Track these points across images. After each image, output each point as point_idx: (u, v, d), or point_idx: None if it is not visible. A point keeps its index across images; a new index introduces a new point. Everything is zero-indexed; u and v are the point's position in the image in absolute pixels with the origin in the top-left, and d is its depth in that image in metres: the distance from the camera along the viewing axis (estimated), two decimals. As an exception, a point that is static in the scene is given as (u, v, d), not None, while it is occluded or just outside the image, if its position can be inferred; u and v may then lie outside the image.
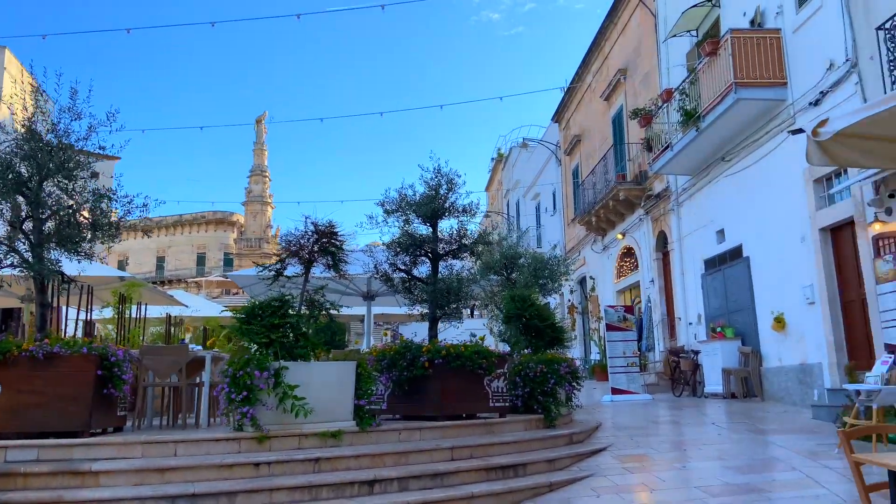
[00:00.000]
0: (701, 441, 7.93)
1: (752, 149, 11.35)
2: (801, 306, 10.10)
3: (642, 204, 16.34)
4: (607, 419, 9.96)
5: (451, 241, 7.61)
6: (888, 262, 8.18)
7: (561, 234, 24.78)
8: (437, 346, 6.80)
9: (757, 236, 11.38)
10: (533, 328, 8.71)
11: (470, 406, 7.14)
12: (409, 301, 7.68)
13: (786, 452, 7.02)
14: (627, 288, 18.45)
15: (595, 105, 20.42)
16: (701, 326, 13.39)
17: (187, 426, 7.09)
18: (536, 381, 8.10)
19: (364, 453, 5.83)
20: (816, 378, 9.75)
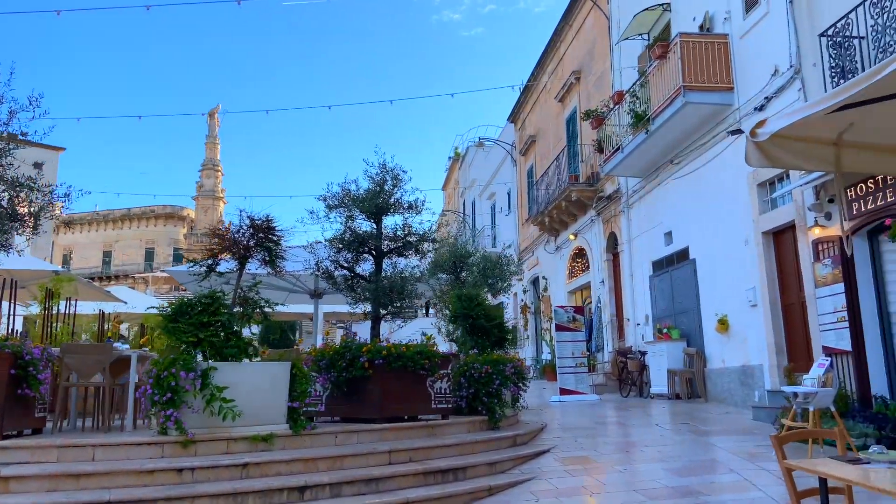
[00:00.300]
0: (644, 442, 7.92)
1: (700, 152, 11.46)
2: (744, 309, 10.23)
3: (594, 205, 16.42)
4: (553, 420, 9.91)
5: (396, 238, 7.41)
6: (827, 266, 8.32)
7: (515, 234, 24.81)
8: (378, 345, 6.59)
9: (703, 239, 11.50)
10: (479, 328, 8.59)
11: (412, 408, 6.96)
12: (352, 299, 7.45)
13: (725, 454, 7.04)
14: (579, 288, 18.53)
15: (550, 106, 20.48)
16: (648, 327, 13.50)
17: (112, 429, 6.73)
18: (481, 382, 7.97)
19: (296, 458, 5.59)
20: (758, 379, 9.88)
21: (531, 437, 8.18)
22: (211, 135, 62.04)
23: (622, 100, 12.77)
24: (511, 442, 7.58)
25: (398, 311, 7.51)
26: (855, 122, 3.96)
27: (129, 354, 6.65)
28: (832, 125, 3.98)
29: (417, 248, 7.52)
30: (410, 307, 7.50)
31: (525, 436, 7.98)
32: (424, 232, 7.46)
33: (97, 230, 67.86)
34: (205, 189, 61.99)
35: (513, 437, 7.67)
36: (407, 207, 7.38)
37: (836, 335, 8.13)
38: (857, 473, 3.03)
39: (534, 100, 22.52)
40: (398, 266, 7.67)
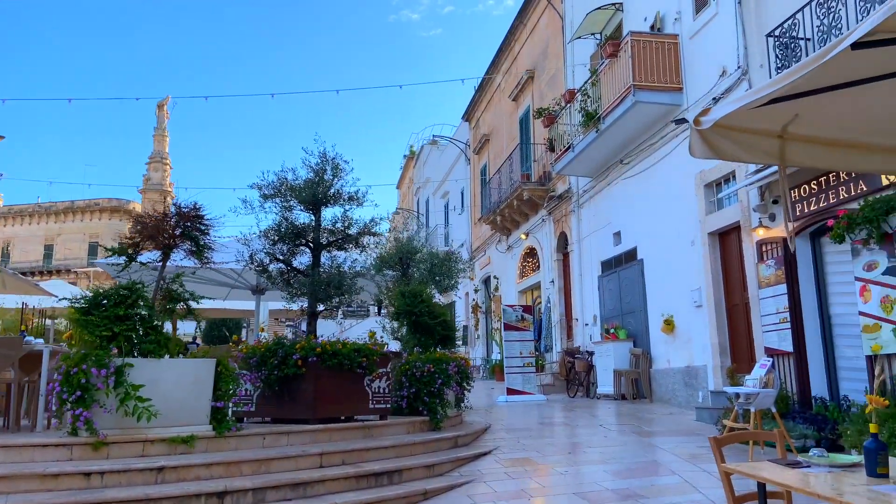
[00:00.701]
0: (587, 444, 7.78)
1: (649, 153, 11.45)
2: (690, 309, 10.23)
3: (545, 205, 16.35)
4: (498, 421, 9.72)
5: (335, 230, 7.08)
6: (770, 267, 8.33)
7: (468, 232, 24.66)
8: (312, 342, 6.26)
9: (651, 239, 11.49)
10: (423, 326, 8.33)
11: (348, 408, 6.65)
12: (288, 295, 7.10)
13: (668, 455, 6.95)
14: (529, 288, 18.46)
15: (504, 105, 20.37)
16: (596, 327, 13.46)
17: (22, 429, 6.24)
18: (423, 382, 7.72)
19: (218, 461, 5.23)
20: (701, 380, 9.88)
21: (473, 438, 7.97)
22: (159, 127, 60.24)
23: (574, 98, 12.69)
24: (452, 443, 7.34)
25: (336, 306, 7.19)
26: (800, 114, 3.84)
27: (41, 349, 6.16)
28: (777, 116, 3.85)
29: (357, 241, 7.20)
30: (349, 303, 7.16)
31: (467, 437, 7.76)
32: (365, 224, 7.17)
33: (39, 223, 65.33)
34: (152, 182, 60.17)
35: (454, 438, 7.44)
36: (348, 199, 7.06)
37: (779, 336, 8.15)
38: (797, 478, 2.88)
39: (488, 98, 22.40)
40: (338, 260, 7.33)
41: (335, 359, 6.34)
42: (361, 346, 6.69)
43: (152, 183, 60.06)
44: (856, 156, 4.13)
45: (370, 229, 7.16)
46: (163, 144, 61.29)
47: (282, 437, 5.96)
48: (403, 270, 10.52)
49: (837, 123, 3.97)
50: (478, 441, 7.94)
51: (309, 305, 6.99)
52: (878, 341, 6.67)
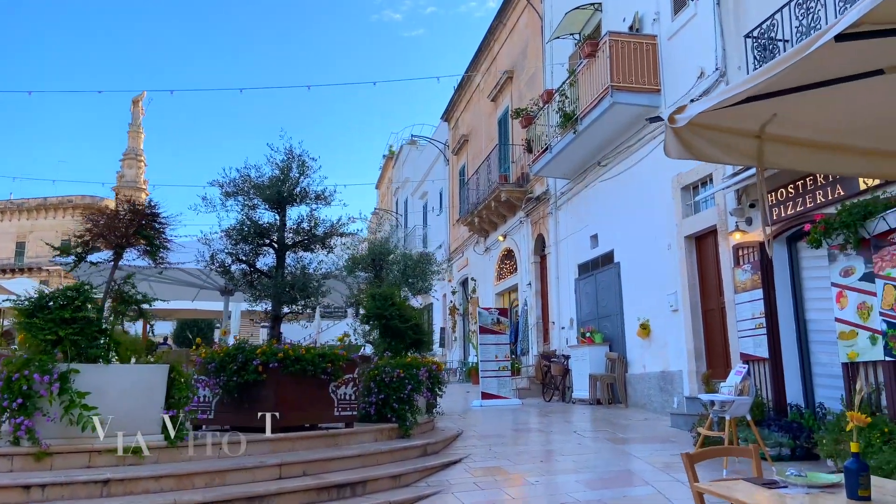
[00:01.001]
0: (560, 451, 7.60)
1: (626, 155, 11.32)
2: (666, 313, 10.10)
3: (523, 206, 16.19)
4: (471, 427, 9.51)
5: (300, 230, 6.81)
6: (746, 272, 8.22)
7: (446, 234, 24.44)
8: (274, 347, 6.00)
9: (628, 242, 11.36)
10: (393, 329, 8.09)
11: (312, 415, 6.39)
12: (252, 297, 6.81)
13: (641, 464, 6.78)
14: (507, 290, 18.29)
15: (483, 105, 20.19)
16: (573, 331, 13.31)
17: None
18: (392, 387, 7.48)
19: (168, 473, 4.95)
20: (677, 385, 9.76)
21: (444, 445, 7.75)
22: (134, 123, 59.28)
23: (552, 98, 12.53)
24: (421, 451, 7.11)
25: (301, 309, 6.92)
26: (778, 114, 3.67)
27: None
28: (755, 116, 3.68)
29: (324, 242, 6.93)
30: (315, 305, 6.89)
31: (437, 444, 7.53)
32: (332, 225, 6.90)
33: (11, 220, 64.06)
34: (126, 179, 59.17)
35: (423, 445, 7.21)
36: (314, 198, 6.79)
37: (754, 342, 8.03)
38: (773, 500, 2.69)
39: (467, 98, 22.21)
40: (304, 261, 7.06)
41: (298, 364, 6.08)
42: (326, 351, 6.44)
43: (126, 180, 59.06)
44: (836, 158, 3.97)
45: (337, 230, 6.90)
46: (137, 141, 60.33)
47: (239, 446, 5.68)
48: (376, 272, 10.27)
49: (817, 124, 3.81)
50: (448, 449, 7.72)
51: (272, 308, 6.72)
52: (854, 348, 6.56)
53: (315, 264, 7.01)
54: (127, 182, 59.39)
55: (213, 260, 6.61)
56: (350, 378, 6.77)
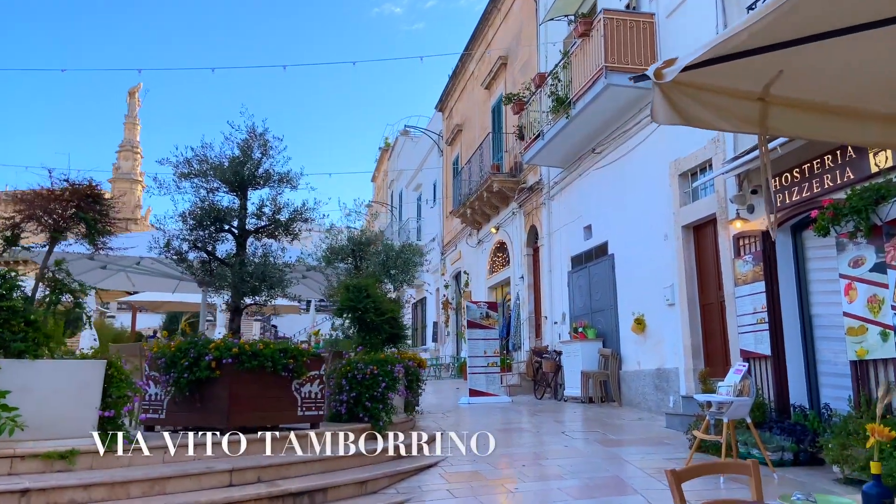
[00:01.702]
0: (547, 454, 7.08)
1: (622, 140, 10.77)
2: (662, 308, 9.57)
3: (516, 197, 15.64)
4: (454, 426, 9.00)
5: (263, 215, 6.27)
6: (748, 263, 7.68)
7: (440, 226, 23.90)
8: (229, 342, 5.47)
9: (623, 233, 10.82)
10: (368, 323, 7.56)
11: (272, 415, 5.86)
12: (210, 287, 6.28)
13: (633, 470, 6.26)
14: (500, 284, 17.76)
15: (477, 94, 19.62)
16: (565, 326, 12.79)
17: None
18: (365, 385, 6.96)
19: (100, 481, 4.42)
20: (673, 384, 9.24)
21: (421, 447, 7.22)
22: (130, 114, 58.49)
23: (544, 82, 11.97)
24: (394, 454, 6.59)
25: (265, 301, 6.39)
26: (785, 71, 3.13)
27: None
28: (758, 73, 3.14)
29: (288, 228, 6.39)
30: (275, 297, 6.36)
31: (415, 445, 7.01)
32: (297, 209, 6.35)
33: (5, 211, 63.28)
34: (121, 171, 58.49)
35: (396, 448, 6.68)
36: (278, 180, 6.24)
37: (755, 338, 7.50)
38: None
39: (461, 87, 21.64)
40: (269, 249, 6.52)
41: (255, 360, 5.55)
42: (288, 346, 5.91)
43: (122, 172, 58.40)
44: (850, 124, 3.42)
45: (301, 214, 6.35)
46: (134, 133, 59.59)
47: (186, 449, 5.15)
48: (356, 263, 9.74)
49: (830, 83, 3.27)
50: (425, 451, 7.20)
51: (232, 299, 6.19)
52: (863, 345, 6.03)
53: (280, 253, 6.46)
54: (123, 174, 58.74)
55: (168, 247, 6.07)
56: (316, 375, 6.24)
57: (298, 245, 8.75)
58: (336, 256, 9.83)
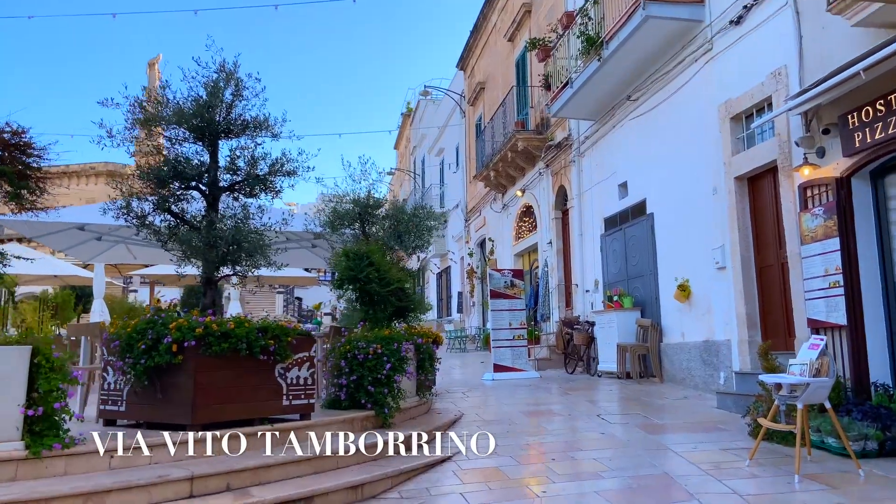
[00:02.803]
0: (579, 443, 6.07)
1: (662, 84, 9.50)
2: (710, 272, 8.41)
3: (542, 156, 14.43)
4: (474, 408, 8.03)
5: (236, 169, 5.26)
6: (817, 217, 6.48)
7: (463, 192, 22.78)
8: (193, 321, 4.53)
9: (664, 189, 9.62)
10: (371, 295, 6.58)
11: (250, 407, 4.92)
12: (178, 256, 5.33)
13: (683, 464, 5.21)
14: (526, 251, 16.65)
15: (500, 48, 18.29)
16: (598, 294, 11.68)
17: None
18: (367, 367, 6.00)
19: (21, 498, 3.53)
20: (723, 358, 8.11)
21: (430, 438, 6.27)
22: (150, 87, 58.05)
23: (572, 22, 10.69)
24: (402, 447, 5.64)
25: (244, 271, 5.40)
26: None
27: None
28: None
29: (267, 183, 5.37)
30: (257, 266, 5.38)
31: (428, 434, 6.06)
32: (276, 160, 5.30)
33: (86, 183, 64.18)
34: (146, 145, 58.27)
35: (407, 439, 5.73)
36: (254, 126, 5.19)
37: (827, 305, 6.33)
38: None
39: (483, 42, 20.29)
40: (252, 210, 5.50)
41: (226, 342, 4.59)
42: (269, 324, 4.94)
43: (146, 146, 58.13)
44: None
45: (283, 166, 5.31)
46: (156, 106, 59.18)
47: (141, 452, 4.24)
48: (363, 229, 8.73)
49: None
50: (441, 438, 6.24)
51: (204, 270, 5.24)
52: (975, 313, 4.85)
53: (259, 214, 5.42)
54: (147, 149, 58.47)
55: (128, 209, 5.08)
56: (305, 357, 5.28)
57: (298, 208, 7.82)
58: (342, 222, 8.83)
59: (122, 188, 5.06)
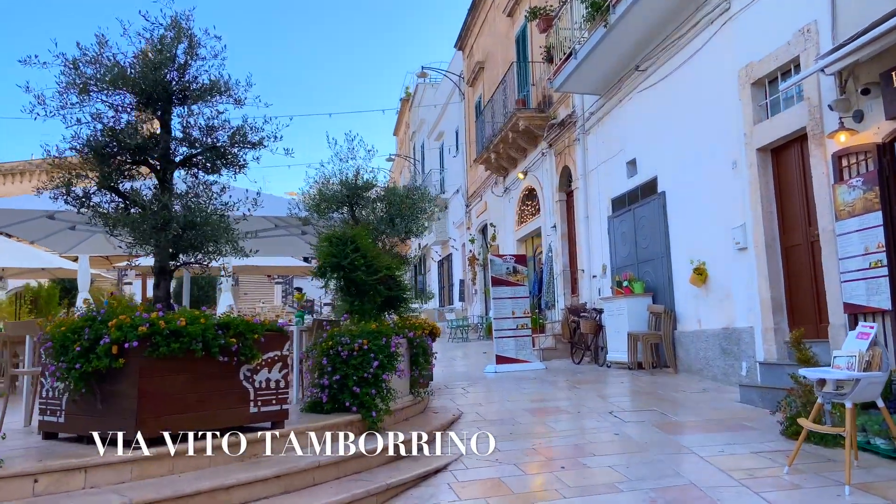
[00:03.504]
0: (590, 446, 5.40)
1: (675, 50, 8.75)
2: (729, 253, 7.70)
3: (545, 135, 13.68)
4: (475, 405, 7.37)
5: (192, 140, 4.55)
6: (855, 189, 5.76)
7: (463, 177, 22.05)
8: (137, 318, 3.85)
9: (676, 165, 8.89)
10: (357, 284, 5.90)
11: (207, 417, 4.23)
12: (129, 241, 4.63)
13: (712, 472, 4.54)
14: (529, 236, 15.94)
15: (499, 24, 17.50)
16: (606, 280, 10.99)
17: None
18: (352, 364, 5.34)
19: None
20: (745, 347, 7.42)
21: (430, 439, 5.61)
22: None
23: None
24: (390, 456, 4.98)
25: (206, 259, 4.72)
26: None
27: None
28: None
29: (228, 156, 4.65)
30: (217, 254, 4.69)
31: (417, 442, 5.39)
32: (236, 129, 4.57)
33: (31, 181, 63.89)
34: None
35: (395, 447, 5.07)
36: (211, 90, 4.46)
37: (868, 287, 5.63)
38: None
39: (482, 19, 19.48)
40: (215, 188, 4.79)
41: (176, 341, 3.92)
42: (231, 319, 4.26)
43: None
44: None
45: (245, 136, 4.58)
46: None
47: (74, 474, 3.58)
48: (351, 212, 8.04)
49: None
50: (434, 444, 5.58)
51: (157, 258, 4.55)
52: None
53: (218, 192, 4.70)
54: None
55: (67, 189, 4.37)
56: (276, 357, 4.61)
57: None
58: (330, 206, 8.14)
59: (54, 163, 4.33)
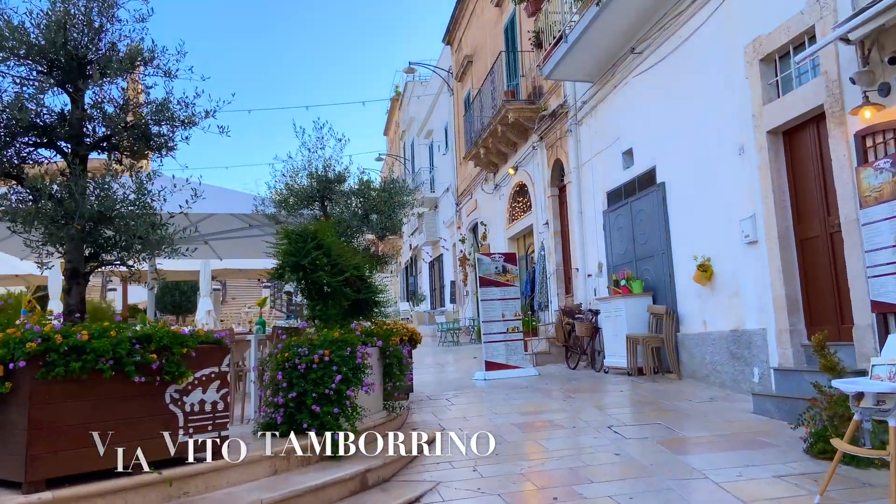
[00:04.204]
0: (587, 470, 4.69)
1: (673, 29, 8.07)
2: (737, 247, 7.01)
3: (535, 128, 12.99)
4: (458, 420, 6.65)
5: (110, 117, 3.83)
6: (883, 171, 5.07)
7: (453, 175, 21.34)
8: (26, 332, 3.13)
9: (677, 153, 8.20)
10: (319, 287, 5.18)
11: (129, 449, 3.51)
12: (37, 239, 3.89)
13: (726, 500, 3.84)
14: (521, 234, 15.24)
15: (487, 15, 16.82)
16: (602, 279, 10.29)
17: None
18: (311, 379, 4.63)
19: None
20: (757, 351, 6.73)
21: (403, 464, 4.90)
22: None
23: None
24: (354, 485, 4.27)
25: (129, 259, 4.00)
26: None
27: None
28: None
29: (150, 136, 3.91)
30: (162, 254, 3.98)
31: (387, 467, 4.68)
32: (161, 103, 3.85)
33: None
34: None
35: (361, 474, 4.36)
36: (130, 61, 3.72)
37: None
38: None
39: (469, 11, 18.79)
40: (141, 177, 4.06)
41: (78, 359, 3.20)
42: (153, 331, 3.53)
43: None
44: None
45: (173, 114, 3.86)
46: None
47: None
48: (322, 208, 7.33)
49: None
50: (409, 470, 4.87)
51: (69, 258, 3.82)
52: None
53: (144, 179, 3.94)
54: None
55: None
56: (214, 374, 3.88)
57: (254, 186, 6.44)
58: (299, 202, 7.43)
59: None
